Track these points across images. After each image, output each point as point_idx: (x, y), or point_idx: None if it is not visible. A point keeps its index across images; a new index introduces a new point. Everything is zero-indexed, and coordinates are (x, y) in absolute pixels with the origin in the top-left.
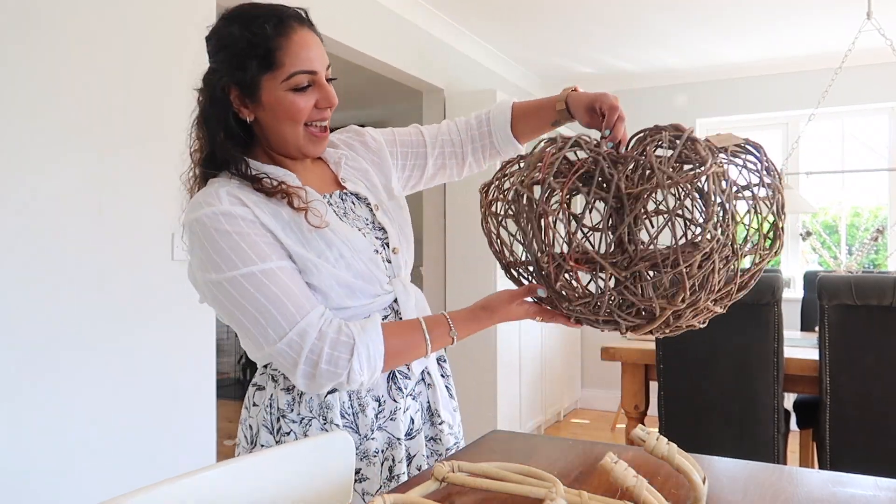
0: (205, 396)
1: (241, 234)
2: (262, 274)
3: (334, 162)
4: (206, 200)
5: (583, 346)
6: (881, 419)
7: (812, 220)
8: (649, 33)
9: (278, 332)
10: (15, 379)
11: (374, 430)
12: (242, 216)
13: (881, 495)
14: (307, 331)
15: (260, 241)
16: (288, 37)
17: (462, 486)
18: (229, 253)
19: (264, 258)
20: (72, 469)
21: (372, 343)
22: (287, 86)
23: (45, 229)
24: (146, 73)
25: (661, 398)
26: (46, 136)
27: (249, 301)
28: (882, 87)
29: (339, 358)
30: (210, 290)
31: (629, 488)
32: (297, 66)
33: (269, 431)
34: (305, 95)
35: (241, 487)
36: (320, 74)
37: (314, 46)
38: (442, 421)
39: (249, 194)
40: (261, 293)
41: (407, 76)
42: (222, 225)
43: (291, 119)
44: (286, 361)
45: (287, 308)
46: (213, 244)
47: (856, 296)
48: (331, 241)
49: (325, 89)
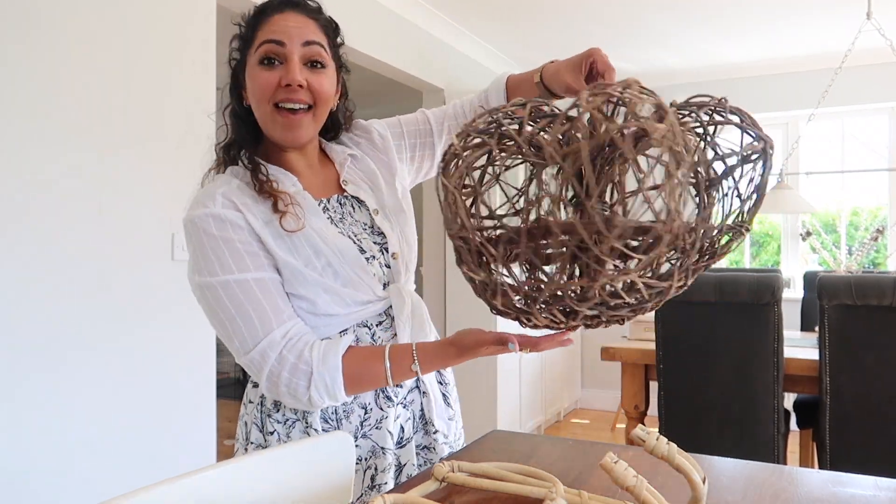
0: (205, 396)
1: (227, 239)
2: (237, 284)
3: (339, 163)
4: (202, 200)
5: (583, 346)
6: (881, 419)
7: (812, 219)
8: (649, 33)
9: (244, 346)
10: (15, 379)
11: (358, 438)
12: (232, 221)
13: (881, 495)
14: (267, 352)
15: (242, 249)
16: (271, 15)
17: (462, 486)
18: (212, 258)
19: (242, 268)
20: (72, 469)
21: (329, 374)
22: (256, 58)
23: (45, 229)
24: (146, 73)
25: (661, 398)
26: (46, 136)
27: (223, 309)
28: (882, 87)
29: (298, 385)
30: (195, 291)
31: (629, 488)
32: (265, 36)
33: (258, 429)
34: (271, 70)
35: (240, 487)
36: (289, 47)
37: (293, 21)
38: (436, 430)
39: (246, 198)
40: (233, 304)
41: (407, 76)
42: (211, 228)
43: (257, 97)
44: (252, 374)
45: (253, 324)
46: (200, 247)
47: (856, 296)
48: (318, 248)
49: (289, 64)
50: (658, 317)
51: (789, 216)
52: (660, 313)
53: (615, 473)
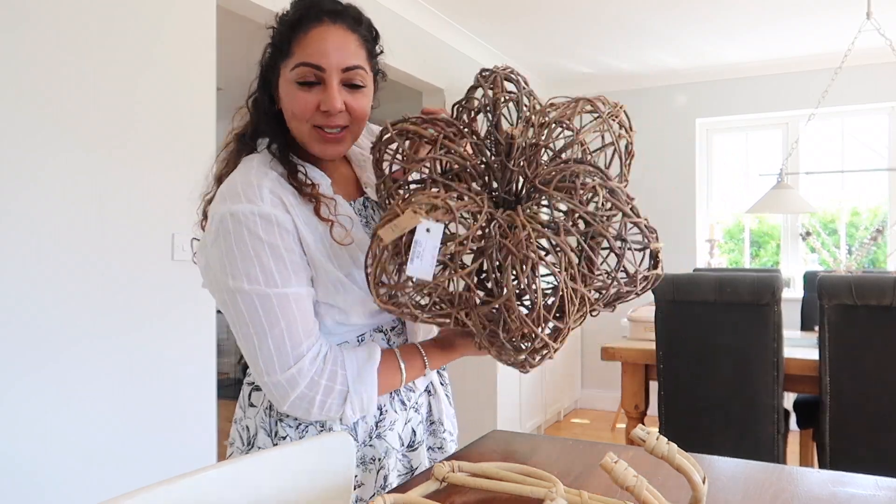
0: (205, 396)
1: (273, 245)
2: (277, 299)
3: (358, 164)
4: (246, 193)
5: (583, 346)
6: (881, 419)
7: (812, 219)
8: (649, 33)
9: (269, 368)
10: (15, 379)
11: (374, 438)
12: (281, 223)
13: (881, 495)
14: (297, 379)
15: (287, 258)
16: (309, 27)
17: (462, 486)
18: (254, 263)
19: (286, 281)
20: (72, 469)
21: (366, 392)
22: (293, 77)
23: (46, 229)
24: (146, 73)
25: (661, 398)
26: (47, 136)
27: (255, 323)
28: (882, 86)
29: (332, 405)
30: (223, 293)
31: (629, 488)
32: (303, 58)
33: (266, 434)
34: (310, 93)
35: (240, 488)
36: (329, 73)
37: (332, 41)
38: (445, 430)
39: (289, 195)
40: (267, 319)
41: (407, 76)
42: (258, 230)
43: (293, 115)
44: (274, 397)
45: (285, 346)
46: (241, 248)
47: (856, 296)
48: (358, 259)
49: (328, 90)
50: (658, 317)
51: (789, 216)
52: (660, 313)
53: (615, 473)
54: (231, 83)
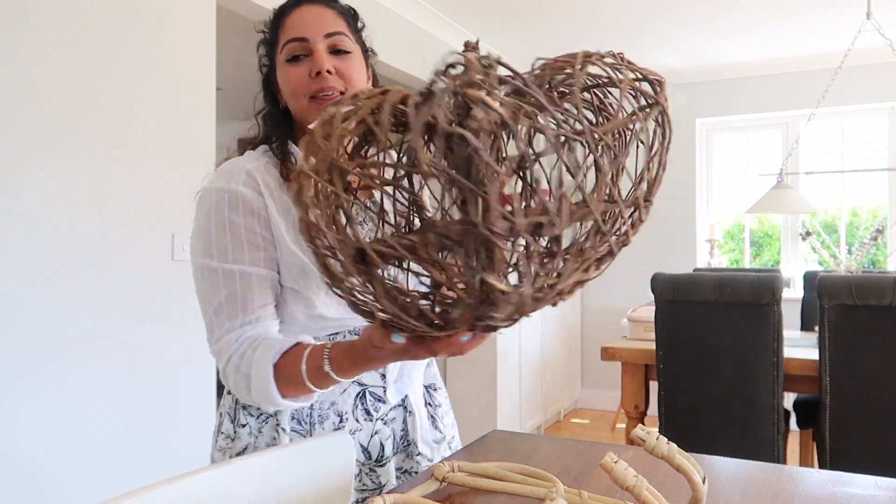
0: (205, 396)
1: (233, 223)
2: (223, 272)
3: None
4: (227, 174)
5: (583, 346)
6: (881, 419)
7: (812, 219)
8: (649, 33)
9: (210, 337)
10: (15, 379)
11: None
12: (247, 202)
13: (881, 495)
14: (221, 353)
15: (246, 237)
16: (290, 11)
17: (462, 486)
18: (212, 239)
19: (238, 259)
20: (72, 469)
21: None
22: (283, 57)
23: (46, 229)
24: (146, 74)
25: (661, 398)
26: (47, 136)
27: (203, 295)
28: (882, 86)
29: (241, 388)
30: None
31: (629, 488)
32: (288, 36)
33: (231, 420)
34: (301, 65)
35: (240, 488)
36: (312, 41)
37: (311, 15)
38: (419, 453)
39: (271, 179)
40: (214, 292)
41: (407, 76)
42: (223, 207)
43: (291, 93)
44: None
45: (222, 318)
46: (205, 223)
47: (856, 296)
48: None
49: (315, 54)
50: (658, 316)
51: (789, 216)
52: (660, 313)
53: (615, 473)
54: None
